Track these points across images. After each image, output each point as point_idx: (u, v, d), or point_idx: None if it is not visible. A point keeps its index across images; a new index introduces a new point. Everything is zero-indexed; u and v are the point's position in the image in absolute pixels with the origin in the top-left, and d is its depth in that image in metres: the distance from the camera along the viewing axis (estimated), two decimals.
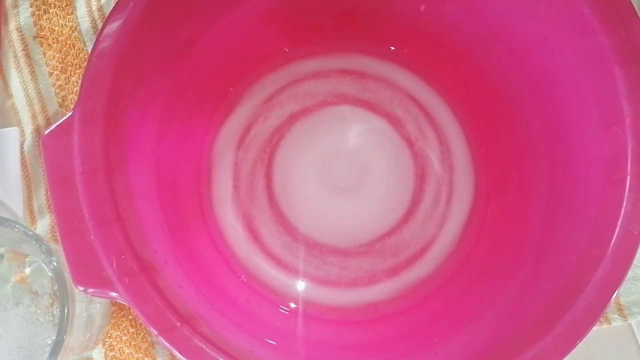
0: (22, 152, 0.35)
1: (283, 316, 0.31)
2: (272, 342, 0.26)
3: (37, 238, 0.27)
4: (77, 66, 0.36)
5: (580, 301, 0.22)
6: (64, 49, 0.36)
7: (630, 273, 0.22)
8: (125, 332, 0.33)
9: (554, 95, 0.27)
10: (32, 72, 0.36)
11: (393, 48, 0.35)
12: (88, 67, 0.23)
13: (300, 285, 0.33)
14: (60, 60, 0.36)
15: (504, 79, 0.30)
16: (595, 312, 0.22)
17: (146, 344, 0.33)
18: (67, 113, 0.23)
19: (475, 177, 0.33)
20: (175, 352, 0.21)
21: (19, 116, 0.36)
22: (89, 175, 0.22)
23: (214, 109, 0.34)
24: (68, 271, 0.23)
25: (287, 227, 0.33)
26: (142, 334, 0.33)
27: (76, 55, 0.36)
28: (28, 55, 0.36)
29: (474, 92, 0.33)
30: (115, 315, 0.33)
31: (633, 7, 0.23)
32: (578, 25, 0.24)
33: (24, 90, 0.36)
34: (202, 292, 0.26)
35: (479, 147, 0.34)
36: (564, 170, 0.27)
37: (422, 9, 0.31)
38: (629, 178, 0.22)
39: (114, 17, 0.23)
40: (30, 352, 0.30)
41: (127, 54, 0.24)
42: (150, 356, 0.33)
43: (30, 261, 0.31)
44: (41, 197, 0.35)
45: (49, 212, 0.35)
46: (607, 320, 0.32)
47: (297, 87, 0.34)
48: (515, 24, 0.28)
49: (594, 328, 0.21)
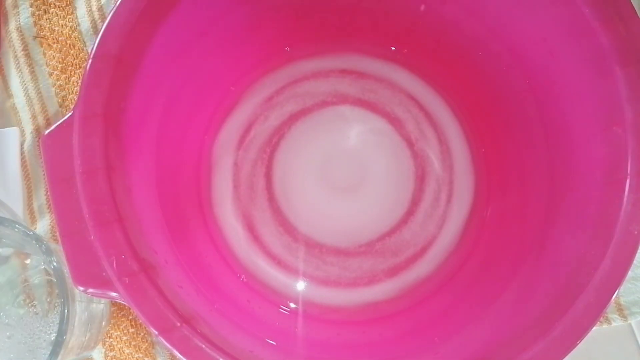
0: (22, 152, 0.35)
1: (283, 316, 0.31)
2: (272, 342, 0.26)
3: (37, 238, 0.27)
4: (77, 66, 0.36)
5: (580, 301, 0.22)
6: (64, 49, 0.36)
7: (630, 273, 0.22)
8: (125, 332, 0.33)
9: (554, 95, 0.27)
10: (32, 72, 0.36)
11: (393, 48, 0.35)
12: (88, 67, 0.23)
13: (300, 285, 0.33)
14: (60, 60, 0.36)
15: (504, 79, 0.30)
16: (595, 312, 0.22)
17: (146, 344, 0.33)
18: (67, 113, 0.23)
19: (475, 177, 0.33)
20: (175, 352, 0.21)
21: (19, 116, 0.36)
22: (89, 175, 0.22)
23: (214, 109, 0.34)
24: (68, 271, 0.23)
25: (287, 227, 0.33)
26: (142, 334, 0.33)
27: (76, 55, 0.36)
28: (28, 55, 0.36)
29: (474, 92, 0.33)
30: (115, 315, 0.33)
31: (633, 7, 0.23)
32: (578, 25, 0.24)
33: (24, 90, 0.36)
34: (202, 292, 0.26)
35: (479, 147, 0.34)
36: (564, 170, 0.27)
37: (422, 9, 0.31)
38: (629, 178, 0.22)
39: (114, 17, 0.23)
40: (30, 353, 0.30)
41: (127, 54, 0.24)
42: (150, 356, 0.33)
43: (33, 263, 0.31)
44: (41, 197, 0.35)
45: (49, 212, 0.35)
46: (607, 320, 0.32)
47: (297, 87, 0.34)
48: (515, 24, 0.28)
49: (594, 328, 0.21)
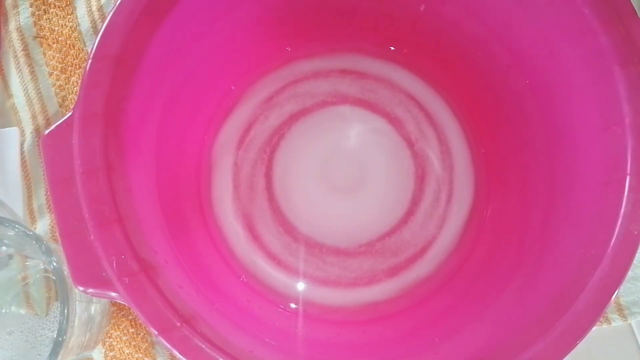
0: (22, 152, 0.35)
1: (283, 316, 0.31)
2: (272, 342, 0.26)
3: (37, 238, 0.27)
4: (77, 66, 0.36)
5: (580, 301, 0.22)
6: (64, 49, 0.36)
7: (630, 273, 0.22)
8: (125, 332, 0.33)
9: (554, 96, 0.27)
10: (32, 72, 0.36)
11: (393, 48, 0.35)
12: (88, 67, 0.23)
13: (300, 285, 0.33)
14: (60, 60, 0.36)
15: (503, 79, 0.30)
16: (595, 312, 0.22)
17: (146, 344, 0.33)
18: (67, 113, 0.23)
19: (475, 177, 0.33)
20: (175, 352, 0.21)
21: (19, 116, 0.36)
22: (89, 175, 0.22)
23: (214, 109, 0.34)
24: (68, 271, 0.23)
25: (287, 227, 0.33)
26: (142, 334, 0.33)
27: (76, 55, 0.36)
28: (28, 55, 0.36)
29: (474, 92, 0.33)
30: (115, 315, 0.33)
31: (633, 7, 0.23)
32: (578, 25, 0.24)
33: (24, 90, 0.36)
34: (202, 292, 0.26)
35: (479, 147, 0.34)
36: (564, 170, 0.27)
37: (422, 9, 0.31)
38: (628, 178, 0.22)
39: (114, 17, 0.23)
40: (32, 350, 0.30)
41: (127, 54, 0.24)
42: (150, 356, 0.33)
43: (33, 263, 0.31)
44: (41, 197, 0.35)
45: (49, 212, 0.35)
46: (607, 320, 0.32)
47: (297, 87, 0.34)
48: (515, 24, 0.28)
49: (594, 328, 0.21)
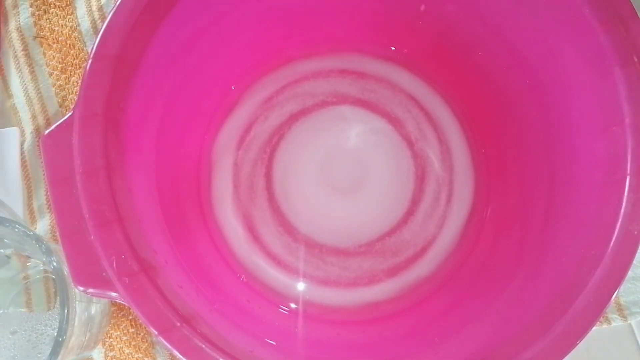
0: (22, 152, 0.35)
1: (283, 316, 0.31)
2: (272, 342, 0.26)
3: (37, 238, 0.27)
4: (77, 66, 0.36)
5: (580, 301, 0.22)
6: (64, 49, 0.36)
7: (630, 273, 0.22)
8: (125, 332, 0.33)
9: (553, 96, 0.27)
10: (32, 72, 0.36)
11: (393, 48, 0.35)
12: (88, 67, 0.23)
13: (300, 285, 0.33)
14: (60, 60, 0.36)
15: (503, 79, 0.30)
16: (595, 312, 0.22)
17: (146, 344, 0.33)
18: (67, 113, 0.23)
19: (475, 177, 0.33)
20: (175, 352, 0.21)
21: (19, 116, 0.36)
22: (89, 175, 0.22)
23: (214, 109, 0.34)
24: (68, 271, 0.23)
25: (287, 227, 0.33)
26: (142, 334, 0.33)
27: (76, 55, 0.36)
28: (28, 55, 0.36)
29: (474, 92, 0.33)
30: (115, 315, 0.33)
31: (633, 7, 0.23)
32: (578, 25, 0.24)
33: (24, 90, 0.36)
34: (202, 292, 0.26)
35: (479, 147, 0.34)
36: (564, 170, 0.27)
37: (422, 9, 0.31)
38: (628, 178, 0.22)
39: (114, 17, 0.23)
40: (34, 349, 0.30)
41: (127, 54, 0.24)
42: (150, 356, 0.33)
43: (33, 262, 0.31)
44: (41, 197, 0.35)
45: (49, 212, 0.35)
46: (607, 320, 0.32)
47: (297, 87, 0.34)
48: (515, 24, 0.28)
49: (594, 328, 0.21)
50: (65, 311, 0.26)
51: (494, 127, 0.33)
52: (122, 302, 0.22)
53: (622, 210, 0.22)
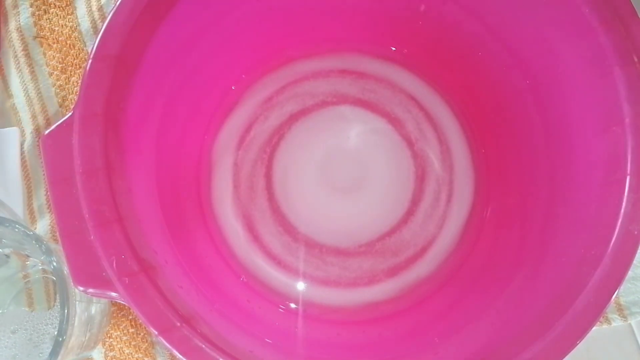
0: (22, 152, 0.35)
1: (283, 316, 0.31)
2: (272, 342, 0.26)
3: (37, 238, 0.27)
4: (77, 66, 0.36)
5: (580, 301, 0.22)
6: (64, 49, 0.36)
7: (630, 273, 0.22)
8: (125, 332, 0.33)
9: (553, 96, 0.27)
10: (32, 72, 0.36)
11: (393, 48, 0.35)
12: (88, 67, 0.23)
13: (300, 285, 0.33)
14: (60, 60, 0.36)
15: (503, 79, 0.30)
16: (595, 312, 0.22)
17: (146, 344, 0.33)
18: (67, 113, 0.23)
19: (475, 177, 0.33)
20: (175, 352, 0.21)
21: (19, 116, 0.36)
22: (89, 175, 0.22)
23: (214, 109, 0.34)
24: (68, 271, 0.23)
25: (287, 227, 0.33)
26: (142, 334, 0.33)
27: (76, 55, 0.36)
28: (28, 55, 0.36)
29: (474, 92, 0.33)
30: (115, 315, 0.33)
31: (633, 7, 0.23)
32: (578, 25, 0.24)
33: (24, 90, 0.36)
34: (202, 292, 0.26)
35: (479, 147, 0.34)
36: (564, 170, 0.27)
37: (422, 9, 0.31)
38: (628, 178, 0.22)
39: (114, 17, 0.23)
40: (35, 348, 0.30)
41: (127, 54, 0.24)
42: (150, 356, 0.33)
43: (33, 262, 0.31)
44: (41, 197, 0.35)
45: (49, 212, 0.35)
46: (607, 320, 0.32)
47: (297, 87, 0.34)
48: (515, 24, 0.28)
49: (594, 328, 0.21)
50: (65, 311, 0.26)
51: (493, 127, 0.33)
52: (122, 302, 0.22)
53: (622, 210, 0.22)
